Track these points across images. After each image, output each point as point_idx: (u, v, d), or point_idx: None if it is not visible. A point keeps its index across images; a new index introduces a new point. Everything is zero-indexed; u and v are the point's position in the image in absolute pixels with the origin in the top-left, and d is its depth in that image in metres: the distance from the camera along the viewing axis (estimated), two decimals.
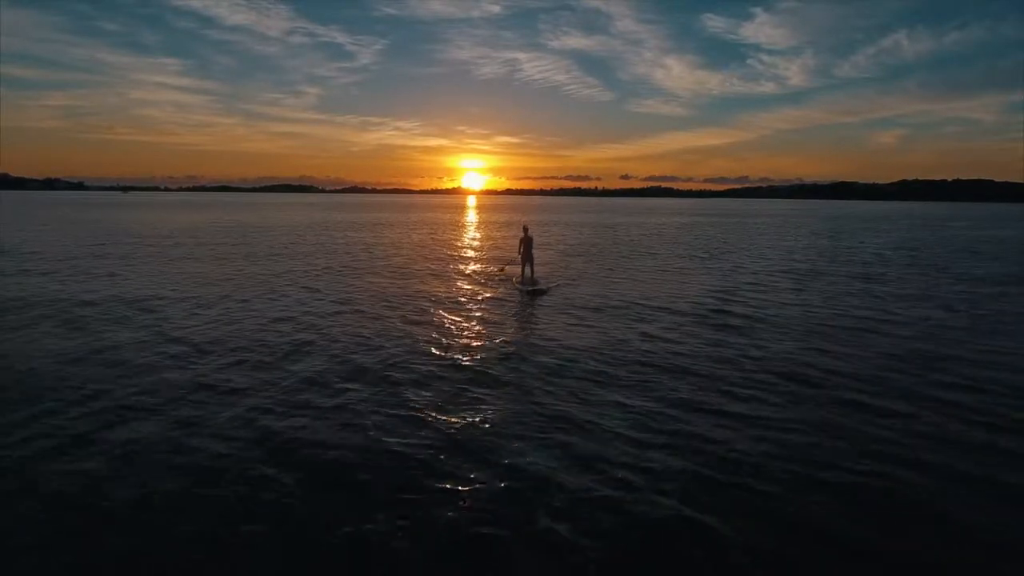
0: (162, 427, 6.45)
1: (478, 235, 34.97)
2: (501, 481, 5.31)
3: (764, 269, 20.42)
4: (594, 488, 5.15)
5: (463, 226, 44.56)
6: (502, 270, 18.59)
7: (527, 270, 16.15)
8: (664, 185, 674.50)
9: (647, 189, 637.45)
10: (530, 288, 15.10)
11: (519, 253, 16.37)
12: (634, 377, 8.27)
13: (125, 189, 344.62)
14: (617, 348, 9.75)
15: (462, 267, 20.45)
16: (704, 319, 12.01)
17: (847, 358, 9.12)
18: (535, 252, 16.81)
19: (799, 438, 6.25)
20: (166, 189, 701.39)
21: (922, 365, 8.88)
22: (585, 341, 10.16)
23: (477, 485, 5.24)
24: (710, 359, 9.13)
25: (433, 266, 20.57)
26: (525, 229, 16.58)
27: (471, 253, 25.18)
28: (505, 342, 10.27)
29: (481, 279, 17.41)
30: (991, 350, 9.79)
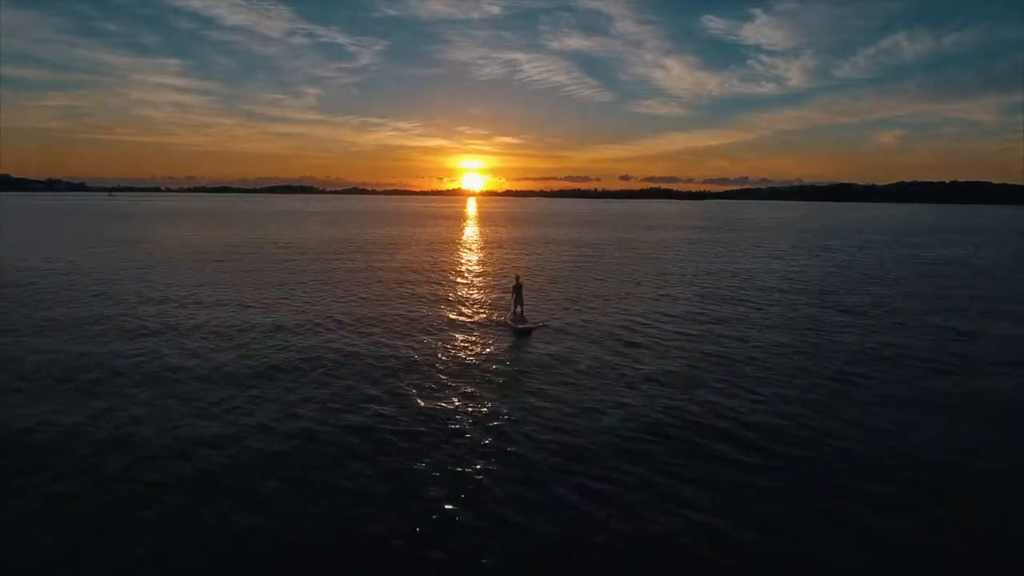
0: None
1: (480, 265, 33.04)
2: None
3: (685, 305, 22.19)
4: None
5: (465, 247, 45.75)
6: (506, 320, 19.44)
7: (518, 309, 18.43)
8: (664, 186, 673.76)
9: (646, 191, 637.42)
10: (520, 326, 17.51)
11: (512, 293, 18.80)
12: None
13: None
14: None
15: (463, 310, 21.08)
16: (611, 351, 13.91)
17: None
18: (524, 294, 19.07)
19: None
20: (167, 190, 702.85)
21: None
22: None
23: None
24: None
25: (435, 306, 21.26)
26: (517, 278, 19.28)
27: (475, 294, 23.99)
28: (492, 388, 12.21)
29: (479, 319, 19.29)
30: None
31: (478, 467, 9.06)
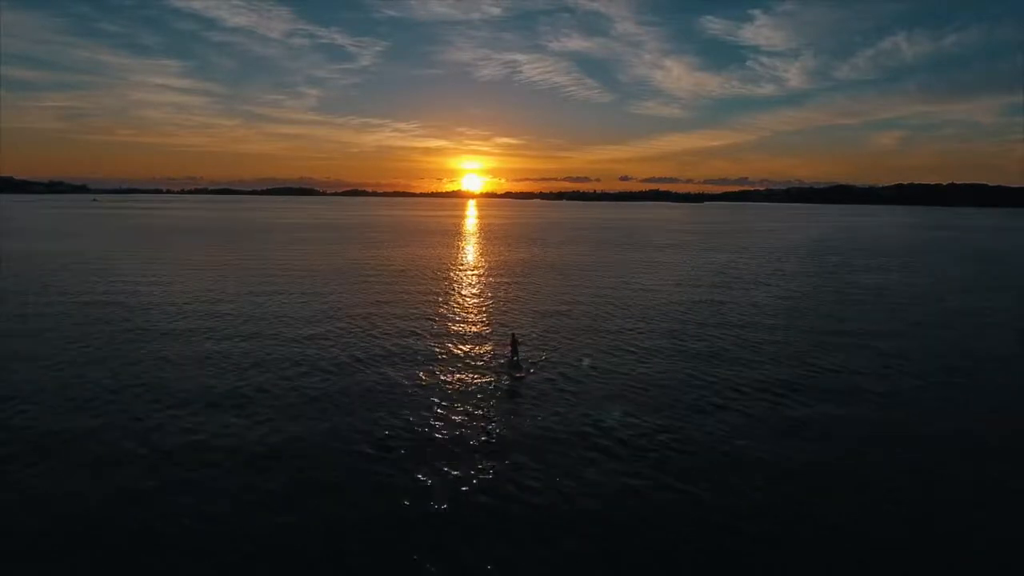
0: None
1: (483, 310, 32.07)
2: None
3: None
4: None
5: (466, 279, 48.20)
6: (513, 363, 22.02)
7: (514, 359, 21.34)
8: (663, 187, 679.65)
9: (646, 192, 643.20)
10: (517, 374, 20.50)
11: (509, 347, 21.67)
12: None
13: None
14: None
15: (463, 351, 23.48)
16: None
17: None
18: (520, 347, 21.96)
19: None
20: (167, 191, 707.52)
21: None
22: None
23: None
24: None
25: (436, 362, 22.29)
26: (513, 335, 22.12)
27: (476, 349, 24.49)
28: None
29: (475, 360, 22.07)
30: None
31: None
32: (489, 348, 24.20)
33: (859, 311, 32.55)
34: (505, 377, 20.44)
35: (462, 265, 53.62)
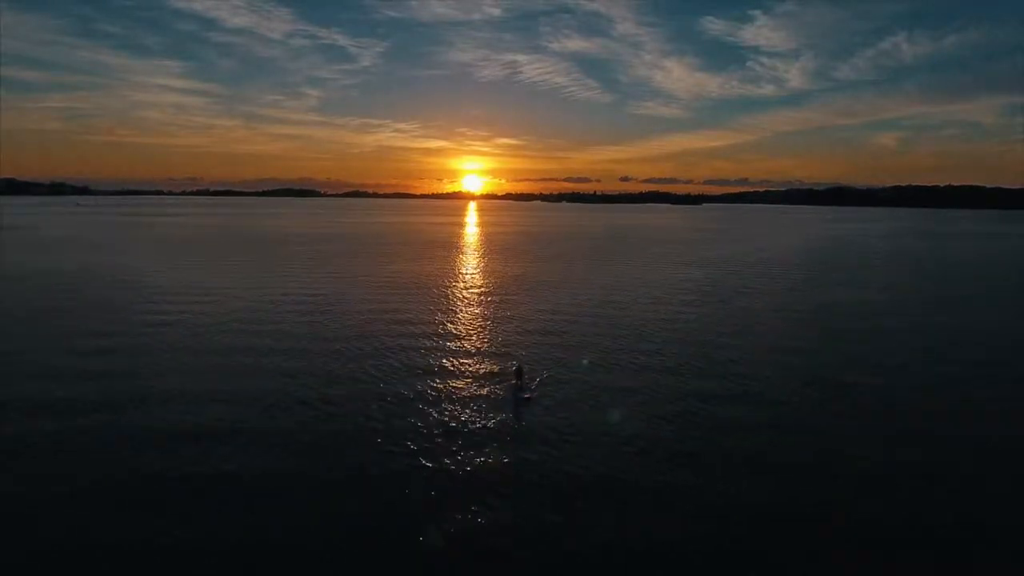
0: None
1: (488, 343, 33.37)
2: None
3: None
4: None
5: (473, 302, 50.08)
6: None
7: (519, 383, 22.98)
8: (663, 188, 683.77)
9: (645, 194, 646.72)
10: (523, 396, 22.18)
11: (514, 373, 23.45)
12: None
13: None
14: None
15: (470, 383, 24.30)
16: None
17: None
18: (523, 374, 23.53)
19: None
20: (169, 192, 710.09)
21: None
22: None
23: None
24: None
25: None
26: (519, 365, 23.93)
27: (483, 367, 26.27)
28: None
29: (490, 391, 23.23)
30: None
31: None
32: (496, 375, 25.05)
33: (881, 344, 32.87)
34: (512, 403, 21.75)
35: (463, 284, 53.82)
